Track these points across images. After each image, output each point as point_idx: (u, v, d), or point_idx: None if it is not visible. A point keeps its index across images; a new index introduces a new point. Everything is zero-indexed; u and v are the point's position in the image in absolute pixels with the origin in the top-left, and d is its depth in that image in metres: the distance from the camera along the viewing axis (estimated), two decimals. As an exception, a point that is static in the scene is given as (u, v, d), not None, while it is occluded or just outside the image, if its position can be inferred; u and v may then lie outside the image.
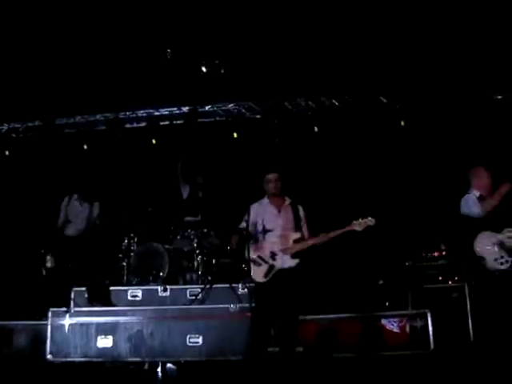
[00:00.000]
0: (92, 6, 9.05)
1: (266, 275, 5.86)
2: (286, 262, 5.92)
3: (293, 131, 10.61)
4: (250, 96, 10.74)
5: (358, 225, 5.85)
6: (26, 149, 11.35)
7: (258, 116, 10.92)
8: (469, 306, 7.61)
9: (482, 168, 6.29)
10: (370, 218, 5.83)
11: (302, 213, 6.21)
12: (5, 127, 11.46)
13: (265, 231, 6.05)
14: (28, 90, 10.23)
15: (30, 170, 11.18)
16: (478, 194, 6.12)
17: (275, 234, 6.02)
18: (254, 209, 6.16)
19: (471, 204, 6.07)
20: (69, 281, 7.97)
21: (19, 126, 11.45)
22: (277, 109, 10.61)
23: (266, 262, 5.89)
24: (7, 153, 11.34)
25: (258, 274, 5.89)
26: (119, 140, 10.99)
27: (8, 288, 9.71)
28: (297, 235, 6.01)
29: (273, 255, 5.90)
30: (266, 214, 6.12)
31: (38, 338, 7.51)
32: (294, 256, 5.92)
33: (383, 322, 7.38)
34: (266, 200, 6.24)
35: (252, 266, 5.92)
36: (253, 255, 5.94)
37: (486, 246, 5.92)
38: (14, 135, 11.46)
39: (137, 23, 9.38)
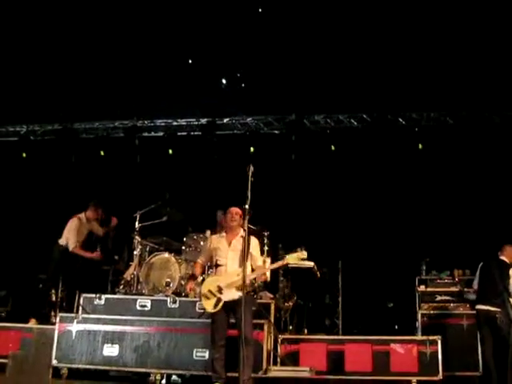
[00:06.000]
0: (116, 17, 9.20)
1: (214, 307, 6.26)
2: (231, 294, 6.20)
3: (310, 149, 10.55)
4: (269, 111, 10.72)
5: (291, 258, 6.31)
6: (44, 152, 11.39)
7: (276, 131, 10.91)
8: (479, 335, 7.50)
9: None
10: (301, 252, 6.28)
11: (253, 244, 6.41)
12: (24, 129, 11.54)
13: (217, 265, 6.46)
14: (49, 94, 10.32)
15: (46, 173, 11.23)
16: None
17: (223, 268, 6.37)
18: (213, 240, 6.62)
19: None
20: (79, 287, 7.96)
21: (38, 128, 11.53)
22: (295, 125, 10.57)
23: (214, 296, 6.25)
24: (24, 155, 11.38)
25: (207, 305, 6.29)
26: (136, 148, 11.00)
27: (18, 290, 9.74)
28: (240, 270, 6.14)
29: (219, 289, 6.25)
30: (218, 249, 6.48)
31: (45, 342, 7.43)
32: (238, 289, 6.10)
33: (393, 346, 7.26)
34: (223, 233, 6.60)
35: (202, 298, 6.36)
36: (204, 290, 6.34)
37: None
38: (32, 137, 11.52)
39: (160, 34, 9.48)
